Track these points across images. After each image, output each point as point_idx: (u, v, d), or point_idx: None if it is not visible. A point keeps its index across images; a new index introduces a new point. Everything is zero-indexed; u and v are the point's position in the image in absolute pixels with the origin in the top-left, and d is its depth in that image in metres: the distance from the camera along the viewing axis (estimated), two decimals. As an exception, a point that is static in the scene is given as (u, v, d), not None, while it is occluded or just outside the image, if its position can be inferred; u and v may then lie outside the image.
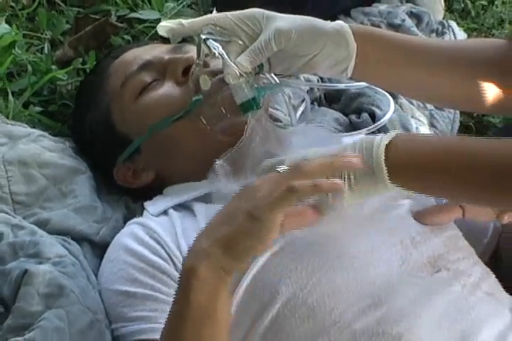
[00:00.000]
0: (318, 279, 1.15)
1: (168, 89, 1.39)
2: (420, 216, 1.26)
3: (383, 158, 1.03)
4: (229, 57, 1.17)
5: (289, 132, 1.28)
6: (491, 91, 1.28)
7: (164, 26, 1.21)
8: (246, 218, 1.00)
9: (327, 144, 1.13)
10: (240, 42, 1.19)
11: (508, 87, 1.29)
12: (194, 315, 1.02)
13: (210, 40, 1.19)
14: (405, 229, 1.23)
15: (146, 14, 1.87)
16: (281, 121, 1.54)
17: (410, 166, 1.05)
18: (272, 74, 1.26)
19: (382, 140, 1.04)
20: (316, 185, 1.00)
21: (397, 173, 1.04)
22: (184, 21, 1.20)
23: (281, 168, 1.05)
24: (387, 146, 1.04)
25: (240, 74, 1.17)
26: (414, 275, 1.18)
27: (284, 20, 1.19)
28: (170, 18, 1.84)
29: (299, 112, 1.67)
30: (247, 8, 1.22)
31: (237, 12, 1.20)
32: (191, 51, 1.39)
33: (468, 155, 1.03)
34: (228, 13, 1.20)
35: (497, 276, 1.27)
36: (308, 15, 1.24)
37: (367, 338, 1.11)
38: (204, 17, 1.21)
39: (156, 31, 1.77)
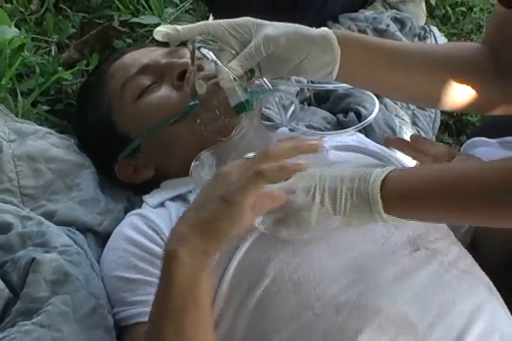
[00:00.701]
0: (303, 257, 1.15)
1: (165, 92, 1.40)
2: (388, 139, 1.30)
3: (379, 191, 1.04)
4: (221, 63, 1.18)
5: (276, 134, 1.29)
6: (467, 92, 1.29)
7: (160, 31, 1.20)
8: (219, 202, 1.02)
9: None
10: (232, 50, 1.20)
11: (483, 86, 1.30)
12: (177, 295, 1.03)
13: (203, 48, 1.20)
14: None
15: (147, 19, 1.87)
16: (273, 120, 1.55)
17: (403, 199, 1.06)
18: (264, 79, 1.26)
19: (378, 174, 1.06)
20: (282, 166, 1.02)
21: (390, 206, 1.05)
22: (179, 27, 1.20)
23: (250, 155, 1.07)
24: (383, 180, 1.05)
25: (234, 78, 1.18)
26: (395, 253, 1.18)
27: (273, 28, 1.19)
28: (170, 23, 1.85)
29: (290, 111, 1.68)
30: (241, 14, 1.22)
31: (230, 20, 1.21)
32: (187, 55, 1.39)
33: (456, 184, 1.04)
34: (221, 21, 1.20)
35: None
36: (298, 21, 1.24)
37: (349, 311, 1.11)
38: (198, 24, 1.21)
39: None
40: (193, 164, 1.17)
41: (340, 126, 1.74)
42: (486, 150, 1.42)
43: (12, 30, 1.62)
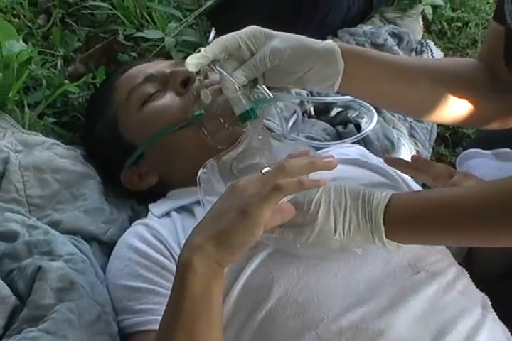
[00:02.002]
0: (308, 279, 1.15)
1: (169, 99, 1.40)
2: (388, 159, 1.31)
3: (382, 217, 1.06)
4: (226, 72, 1.18)
5: (281, 143, 1.28)
6: (464, 106, 1.29)
7: (193, 64, 1.17)
8: (237, 214, 1.02)
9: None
10: (240, 59, 1.19)
11: (479, 101, 1.30)
12: (189, 305, 1.03)
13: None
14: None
15: (151, 33, 1.87)
16: (274, 131, 1.55)
17: (405, 226, 1.07)
18: (266, 89, 1.26)
19: (381, 200, 1.07)
20: (300, 182, 1.02)
21: (392, 232, 1.07)
22: (206, 53, 1.18)
23: (265, 170, 1.06)
24: (386, 206, 1.07)
25: (238, 87, 1.18)
26: (396, 276, 1.18)
27: (280, 40, 1.19)
28: (173, 38, 1.85)
29: (291, 123, 1.68)
30: (242, 28, 1.22)
31: (240, 32, 1.20)
32: None
33: (456, 208, 1.05)
34: (235, 34, 1.19)
35: (470, 274, 1.27)
36: (298, 34, 1.24)
37: (352, 333, 1.11)
38: (217, 43, 1.18)
39: (160, 48, 1.80)
40: (200, 171, 1.16)
41: (339, 137, 1.73)
42: (481, 161, 1.42)
43: (19, 44, 1.62)
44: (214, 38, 1.24)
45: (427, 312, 1.15)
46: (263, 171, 1.06)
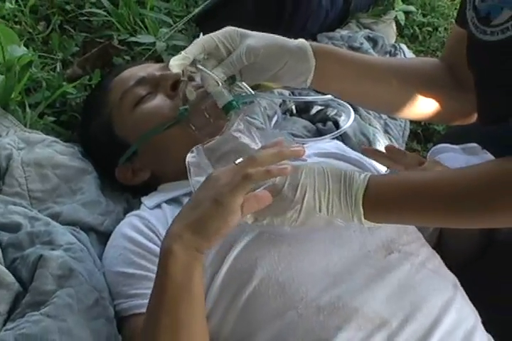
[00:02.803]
0: (288, 261, 1.16)
1: (159, 101, 1.40)
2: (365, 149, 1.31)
3: (361, 199, 1.07)
4: (207, 70, 1.19)
5: (264, 131, 1.29)
6: (429, 103, 1.30)
7: (176, 65, 1.18)
8: (211, 203, 1.03)
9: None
10: (218, 58, 1.20)
11: (443, 99, 1.31)
12: (171, 289, 1.04)
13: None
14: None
15: (143, 38, 1.87)
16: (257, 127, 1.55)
17: (383, 207, 1.08)
18: (247, 86, 1.27)
19: (361, 182, 1.08)
20: (268, 170, 1.03)
21: (370, 213, 1.08)
22: (186, 54, 1.18)
23: (238, 161, 1.07)
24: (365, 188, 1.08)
25: (220, 83, 1.19)
26: (371, 257, 1.19)
27: (255, 39, 1.20)
28: (164, 42, 1.85)
29: (274, 121, 1.69)
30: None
31: (217, 32, 1.21)
32: None
33: (429, 190, 1.07)
34: (212, 35, 1.20)
35: (441, 259, 1.28)
36: None
37: (329, 311, 1.11)
38: (196, 44, 1.20)
39: (152, 52, 1.80)
40: (188, 155, 1.15)
41: (319, 134, 1.74)
42: (450, 155, 1.43)
43: (21, 49, 1.62)
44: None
45: (401, 290, 1.16)
46: (236, 162, 1.07)
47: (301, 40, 1.24)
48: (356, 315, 1.11)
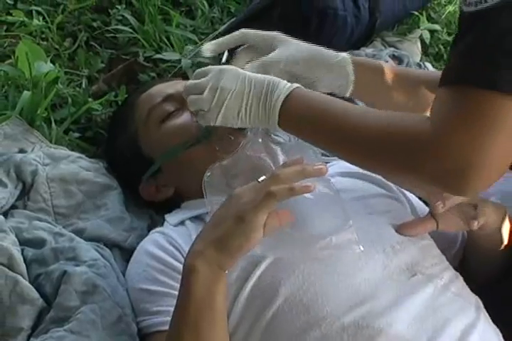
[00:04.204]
0: (312, 281, 1.16)
1: (186, 118, 1.41)
2: (400, 228, 1.27)
3: (279, 107, 1.09)
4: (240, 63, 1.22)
5: (281, 148, 1.29)
6: None
7: (209, 49, 1.24)
8: (234, 221, 1.03)
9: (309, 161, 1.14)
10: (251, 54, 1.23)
11: None
12: (194, 306, 1.04)
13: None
14: (387, 238, 1.24)
15: (169, 55, 1.88)
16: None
17: (296, 121, 1.10)
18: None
19: (282, 92, 1.09)
20: (291, 188, 1.03)
21: (285, 123, 1.10)
22: (224, 40, 1.24)
23: (261, 178, 1.07)
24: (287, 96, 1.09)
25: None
26: (394, 279, 1.18)
27: (297, 49, 1.22)
28: (189, 60, 1.86)
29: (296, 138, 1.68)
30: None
31: (261, 32, 1.24)
32: None
33: (342, 124, 1.06)
34: (255, 31, 1.24)
35: (464, 280, 1.27)
36: None
37: (354, 331, 1.11)
38: (234, 36, 1.26)
39: (178, 69, 1.80)
40: (205, 175, 1.17)
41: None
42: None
43: (47, 65, 1.64)
44: (227, 59, 1.26)
45: (424, 313, 1.15)
46: (259, 180, 1.07)
47: (343, 56, 1.25)
48: (380, 336, 1.10)
